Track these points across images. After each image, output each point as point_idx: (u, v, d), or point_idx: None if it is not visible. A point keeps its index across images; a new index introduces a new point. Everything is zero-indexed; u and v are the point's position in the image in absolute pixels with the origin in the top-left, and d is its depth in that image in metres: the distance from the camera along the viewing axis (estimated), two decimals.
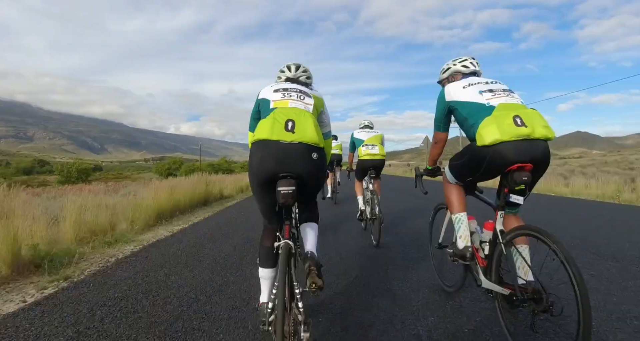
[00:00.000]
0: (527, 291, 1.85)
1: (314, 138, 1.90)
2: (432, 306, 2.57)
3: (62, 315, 2.47)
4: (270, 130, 1.87)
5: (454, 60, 2.56)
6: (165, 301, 2.69)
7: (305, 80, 2.37)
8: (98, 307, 2.60)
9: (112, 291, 2.92)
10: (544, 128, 1.91)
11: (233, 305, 2.60)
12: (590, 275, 3.18)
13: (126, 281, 3.18)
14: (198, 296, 2.78)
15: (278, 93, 2.12)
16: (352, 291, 2.89)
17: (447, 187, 2.46)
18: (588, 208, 8.03)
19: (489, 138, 1.92)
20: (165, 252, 4.26)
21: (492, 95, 2.10)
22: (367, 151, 4.99)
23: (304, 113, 1.99)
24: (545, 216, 6.77)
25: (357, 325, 2.29)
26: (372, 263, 3.66)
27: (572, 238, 4.62)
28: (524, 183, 1.91)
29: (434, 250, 3.07)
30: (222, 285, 3.05)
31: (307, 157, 1.89)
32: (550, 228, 4.58)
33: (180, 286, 3.01)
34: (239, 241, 4.78)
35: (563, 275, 1.59)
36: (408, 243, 4.56)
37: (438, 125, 2.44)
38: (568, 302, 1.67)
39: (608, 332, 2.16)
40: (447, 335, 2.16)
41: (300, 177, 1.89)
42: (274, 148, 1.86)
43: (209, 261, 3.77)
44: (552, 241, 1.67)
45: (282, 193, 1.82)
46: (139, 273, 3.42)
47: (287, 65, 2.41)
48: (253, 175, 1.95)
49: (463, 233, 2.30)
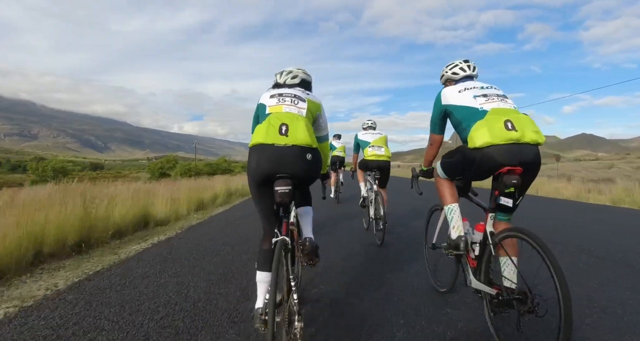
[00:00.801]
0: (513, 292, 1.90)
1: (306, 140, 2.00)
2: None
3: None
4: (265, 135, 1.97)
5: (446, 67, 2.63)
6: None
7: (290, 82, 2.43)
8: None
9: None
10: (534, 133, 1.96)
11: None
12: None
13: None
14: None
15: (274, 99, 2.23)
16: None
17: (438, 182, 2.53)
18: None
19: (480, 141, 1.99)
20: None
21: (485, 100, 2.16)
22: (374, 152, 5.04)
23: (296, 117, 2.08)
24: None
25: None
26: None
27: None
28: (513, 186, 1.96)
29: (428, 251, 3.12)
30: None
31: (302, 158, 2.00)
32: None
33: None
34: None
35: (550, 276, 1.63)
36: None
37: (434, 127, 2.51)
38: (554, 303, 1.71)
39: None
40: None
41: (296, 177, 2.00)
42: (269, 152, 1.97)
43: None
44: (537, 243, 1.72)
45: (279, 193, 1.94)
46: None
47: (279, 72, 2.50)
48: (251, 177, 2.06)
49: (456, 223, 2.34)
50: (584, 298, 2.78)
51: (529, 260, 1.83)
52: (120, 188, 9.00)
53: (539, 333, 2.18)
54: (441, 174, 2.49)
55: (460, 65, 2.54)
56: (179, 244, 4.65)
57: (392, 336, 2.18)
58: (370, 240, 4.75)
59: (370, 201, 4.97)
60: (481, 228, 2.22)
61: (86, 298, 2.74)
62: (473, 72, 2.52)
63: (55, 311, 2.48)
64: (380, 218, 4.48)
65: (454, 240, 2.30)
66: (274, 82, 2.49)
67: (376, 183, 4.88)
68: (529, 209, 8.15)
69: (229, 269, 3.49)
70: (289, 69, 2.48)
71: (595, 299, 2.76)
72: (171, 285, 3.03)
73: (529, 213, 7.48)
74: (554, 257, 1.65)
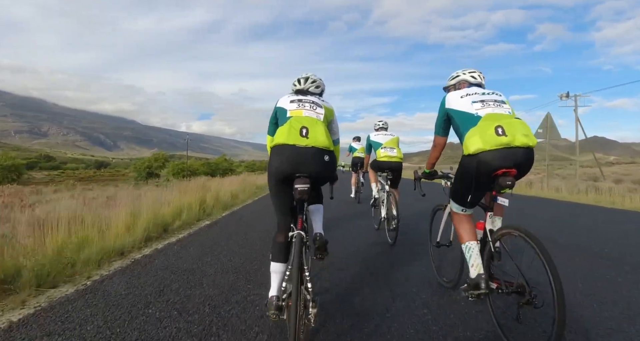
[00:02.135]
0: (511, 286, 2.04)
1: (325, 143, 2.19)
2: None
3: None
4: (287, 136, 2.16)
5: (464, 70, 2.69)
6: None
7: (313, 90, 2.62)
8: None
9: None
10: (525, 136, 2.08)
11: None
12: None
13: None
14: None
15: (294, 104, 2.41)
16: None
17: (454, 219, 2.54)
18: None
19: (473, 147, 2.13)
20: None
21: (482, 105, 2.28)
22: (386, 153, 5.10)
23: (316, 121, 2.28)
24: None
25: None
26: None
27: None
28: (508, 187, 2.11)
29: (433, 249, 3.26)
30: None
31: (320, 158, 2.19)
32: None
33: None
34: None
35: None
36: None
37: (438, 130, 2.61)
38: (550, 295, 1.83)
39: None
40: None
41: (313, 176, 2.18)
42: (290, 152, 2.15)
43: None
44: (532, 239, 1.87)
45: (298, 190, 2.12)
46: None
47: (298, 79, 2.67)
48: (272, 175, 2.23)
49: (474, 261, 2.28)
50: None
51: (528, 256, 1.96)
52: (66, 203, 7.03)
53: (539, 324, 2.30)
54: (455, 208, 2.49)
55: (477, 73, 2.62)
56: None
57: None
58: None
59: (382, 201, 5.08)
60: (481, 226, 2.37)
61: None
62: (482, 82, 2.62)
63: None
64: (392, 217, 4.55)
65: (473, 279, 2.24)
66: (294, 87, 2.65)
67: (388, 183, 4.98)
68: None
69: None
70: (312, 78, 2.64)
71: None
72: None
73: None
74: (547, 252, 1.80)
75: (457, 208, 2.49)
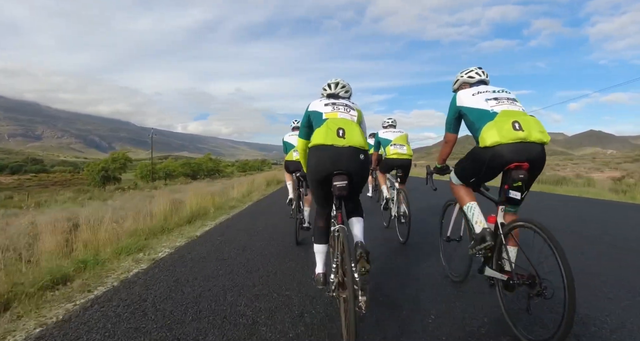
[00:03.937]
0: (522, 278, 2.11)
1: (360, 142, 2.34)
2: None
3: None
4: (325, 137, 2.31)
5: (462, 72, 2.83)
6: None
7: (343, 95, 2.79)
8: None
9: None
10: (540, 133, 2.19)
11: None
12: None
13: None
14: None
15: (328, 107, 2.56)
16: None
17: (453, 188, 2.74)
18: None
19: (490, 140, 2.23)
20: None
21: (496, 102, 2.38)
22: (396, 150, 5.07)
23: (351, 122, 2.42)
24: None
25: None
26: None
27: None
28: (520, 180, 2.20)
29: (443, 244, 3.35)
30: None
31: (356, 157, 2.33)
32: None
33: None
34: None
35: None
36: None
37: (449, 127, 2.72)
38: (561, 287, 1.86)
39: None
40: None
41: (350, 174, 2.32)
42: (329, 151, 2.30)
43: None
44: (544, 232, 1.94)
45: (337, 187, 2.26)
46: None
47: (329, 84, 2.82)
48: (311, 173, 2.41)
49: (477, 218, 2.47)
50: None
51: (538, 248, 2.03)
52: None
53: (548, 314, 2.39)
54: (455, 181, 2.70)
55: (476, 71, 2.76)
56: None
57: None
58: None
59: (392, 199, 5.02)
60: (492, 220, 2.46)
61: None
62: (486, 77, 2.74)
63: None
64: (404, 215, 4.54)
65: (479, 233, 2.37)
66: (324, 91, 2.81)
67: (398, 180, 4.94)
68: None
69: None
70: (341, 83, 2.81)
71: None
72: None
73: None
74: (559, 244, 1.87)
75: (456, 181, 2.68)
